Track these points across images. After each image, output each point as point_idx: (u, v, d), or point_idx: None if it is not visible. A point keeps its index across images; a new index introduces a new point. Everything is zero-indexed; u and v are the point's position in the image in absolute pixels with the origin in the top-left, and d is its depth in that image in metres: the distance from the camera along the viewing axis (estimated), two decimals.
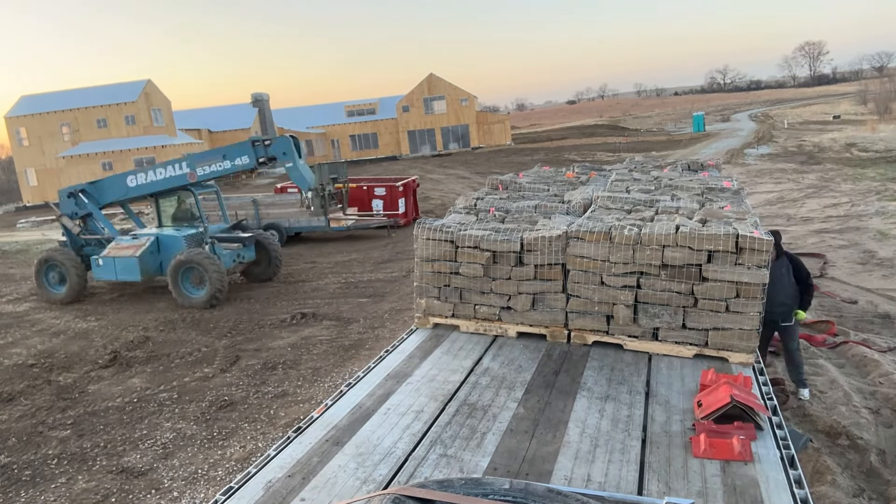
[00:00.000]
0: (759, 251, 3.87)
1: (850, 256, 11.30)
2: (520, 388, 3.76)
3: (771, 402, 3.50)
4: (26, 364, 9.26)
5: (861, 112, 51.42)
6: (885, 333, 7.74)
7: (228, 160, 11.18)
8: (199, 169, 11.29)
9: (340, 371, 7.99)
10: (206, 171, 11.28)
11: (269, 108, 51.07)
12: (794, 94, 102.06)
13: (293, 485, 2.90)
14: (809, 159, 26.24)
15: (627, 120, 76.39)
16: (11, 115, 39.55)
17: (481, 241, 4.58)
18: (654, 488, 2.71)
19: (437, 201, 22.42)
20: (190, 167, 11.33)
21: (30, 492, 5.85)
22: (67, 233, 12.51)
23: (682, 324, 4.10)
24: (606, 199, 5.32)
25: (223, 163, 11.22)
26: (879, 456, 5.17)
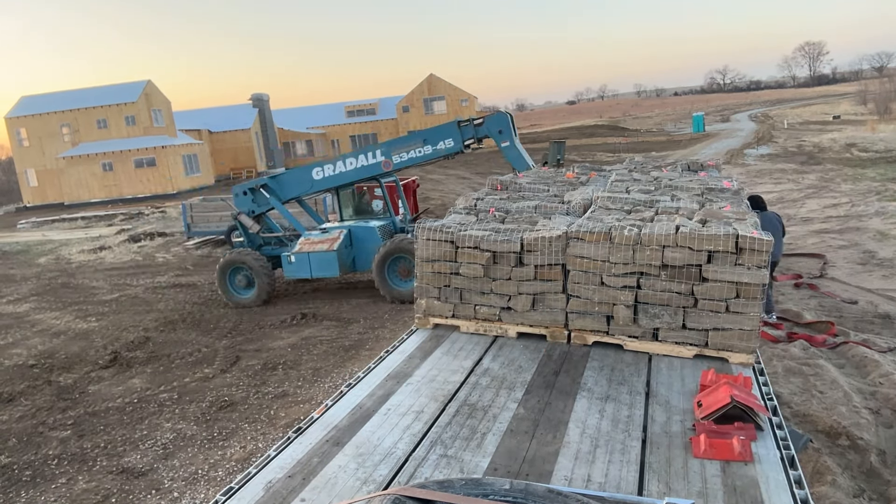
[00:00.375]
0: (759, 251, 3.87)
1: (850, 257, 11.30)
2: (520, 389, 3.76)
3: (771, 402, 3.50)
4: (26, 364, 9.26)
5: (861, 112, 51.43)
6: (886, 334, 7.74)
7: (430, 144, 10.37)
8: (395, 156, 10.51)
9: (341, 371, 8.00)
10: (403, 158, 10.50)
11: (269, 109, 51.21)
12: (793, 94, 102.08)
13: (293, 485, 2.90)
14: (809, 159, 26.25)
15: (627, 120, 76.41)
16: (11, 116, 39.57)
17: (481, 242, 4.58)
18: (654, 489, 2.71)
19: (438, 201, 22.43)
20: (385, 155, 10.57)
21: (30, 492, 5.85)
22: (244, 232, 11.72)
23: (682, 324, 4.10)
24: (606, 200, 5.32)
25: (424, 148, 10.41)
26: (880, 456, 5.17)
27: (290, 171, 11.57)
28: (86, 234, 23.86)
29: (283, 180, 11.34)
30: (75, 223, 27.75)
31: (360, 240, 11.11)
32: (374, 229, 11.01)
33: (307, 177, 11.08)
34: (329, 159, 10.99)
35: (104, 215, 29.08)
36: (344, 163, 10.81)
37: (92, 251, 19.12)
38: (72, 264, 17.61)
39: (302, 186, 11.24)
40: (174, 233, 20.74)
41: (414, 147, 10.43)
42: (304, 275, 11.05)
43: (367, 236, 11.04)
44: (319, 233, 11.20)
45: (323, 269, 10.89)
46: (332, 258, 10.78)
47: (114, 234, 22.69)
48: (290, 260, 11.07)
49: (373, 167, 10.65)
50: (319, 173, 10.96)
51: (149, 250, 18.68)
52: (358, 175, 10.80)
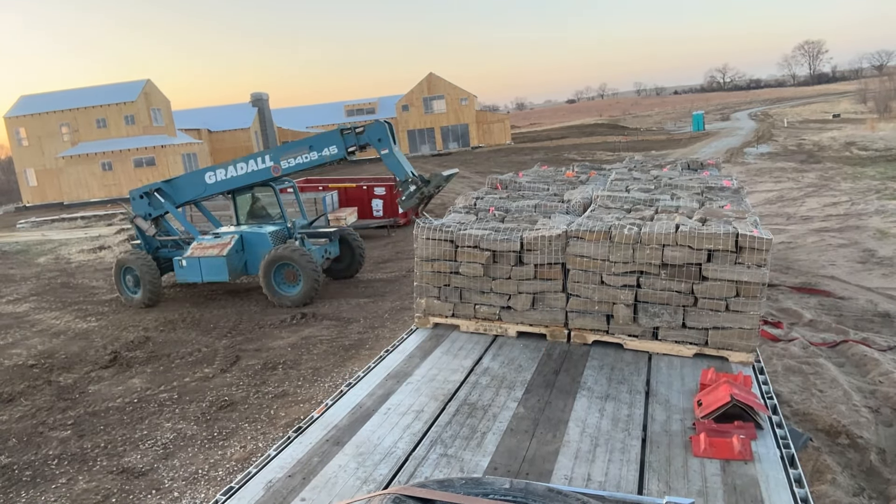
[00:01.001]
0: (758, 250, 3.87)
1: (849, 255, 11.30)
2: (520, 388, 3.76)
3: (771, 401, 3.50)
4: (26, 364, 9.26)
5: (861, 111, 51.43)
6: (886, 332, 7.74)
7: (315, 151, 10.59)
8: (283, 162, 10.75)
9: (341, 371, 7.99)
10: (291, 163, 10.73)
11: (268, 108, 51.21)
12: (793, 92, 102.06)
13: (293, 485, 2.90)
14: (809, 158, 26.24)
15: (627, 119, 76.39)
16: (11, 116, 39.55)
17: (481, 241, 4.58)
18: (654, 488, 2.71)
19: (437, 201, 22.40)
20: (274, 160, 10.81)
21: (30, 492, 5.85)
22: (141, 235, 11.95)
23: (682, 323, 4.10)
24: (606, 199, 5.32)
25: (310, 154, 10.63)
26: (879, 455, 5.17)
27: (183, 176, 11.79)
28: (85, 233, 23.85)
29: (176, 184, 11.59)
30: (75, 223, 27.74)
31: (252, 245, 11.29)
32: (266, 235, 11.17)
33: (200, 181, 11.31)
34: (221, 164, 11.19)
35: (104, 215, 29.07)
36: (235, 167, 11.05)
37: (91, 251, 19.11)
38: (71, 264, 17.60)
39: (195, 190, 11.44)
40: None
41: (300, 153, 10.67)
42: (195, 279, 11.25)
43: (259, 241, 11.22)
44: (212, 237, 11.38)
45: (213, 274, 11.08)
46: (221, 263, 10.96)
47: (113, 233, 22.68)
48: (182, 264, 11.25)
49: (262, 172, 10.89)
50: (212, 177, 11.20)
51: None
52: (249, 179, 11.01)
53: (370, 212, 18.27)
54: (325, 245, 11.82)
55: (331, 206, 17.48)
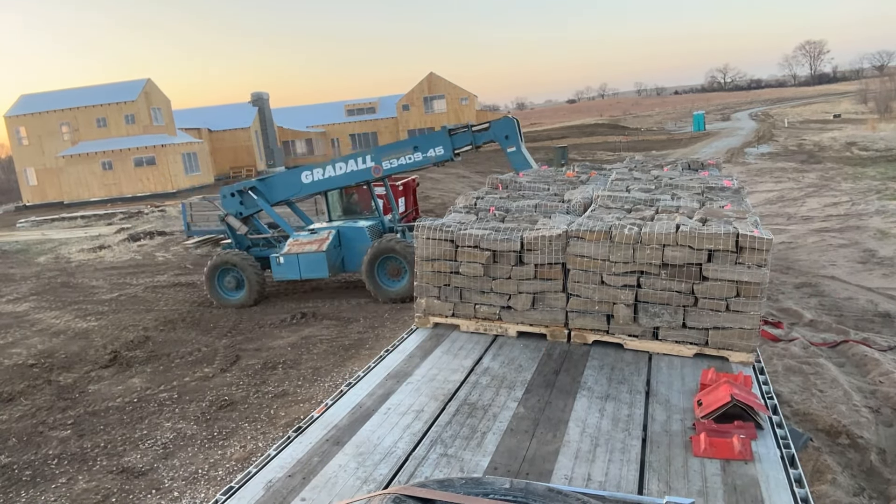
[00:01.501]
0: (759, 250, 3.87)
1: (850, 255, 11.30)
2: (520, 388, 3.76)
3: (771, 401, 3.50)
4: (26, 364, 9.26)
5: (861, 111, 51.42)
6: (886, 332, 7.74)
7: (420, 152, 10.28)
8: (385, 162, 10.47)
9: (340, 371, 7.99)
10: (393, 164, 10.45)
11: (268, 107, 51.22)
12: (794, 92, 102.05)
13: (293, 484, 2.90)
14: (810, 158, 26.24)
15: (628, 119, 76.39)
16: (11, 115, 39.56)
17: (481, 241, 4.58)
18: (654, 487, 2.71)
19: (438, 200, 22.42)
20: (375, 161, 10.51)
21: (30, 492, 5.85)
22: (232, 233, 11.65)
23: (682, 323, 4.10)
24: (606, 199, 5.32)
25: (414, 155, 10.33)
26: (880, 455, 5.17)
27: (279, 175, 11.56)
28: (85, 233, 23.86)
29: (271, 183, 11.35)
30: (75, 222, 27.75)
31: (349, 240, 11.08)
32: (363, 229, 10.99)
33: (296, 180, 11.07)
34: (319, 163, 10.93)
35: (104, 214, 29.09)
36: (334, 167, 10.79)
37: (91, 250, 19.12)
38: (71, 263, 17.61)
39: (291, 189, 11.23)
40: (174, 232, 20.75)
41: (404, 154, 10.42)
42: (294, 276, 10.99)
43: (356, 236, 11.03)
44: (308, 234, 11.14)
45: (312, 271, 10.84)
46: (320, 259, 10.72)
47: (113, 233, 22.69)
48: (279, 261, 11.00)
49: (363, 172, 10.65)
50: (309, 177, 10.95)
51: (148, 249, 18.68)
52: (348, 180, 10.81)
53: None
54: None
55: None
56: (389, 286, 10.65)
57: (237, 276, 11.24)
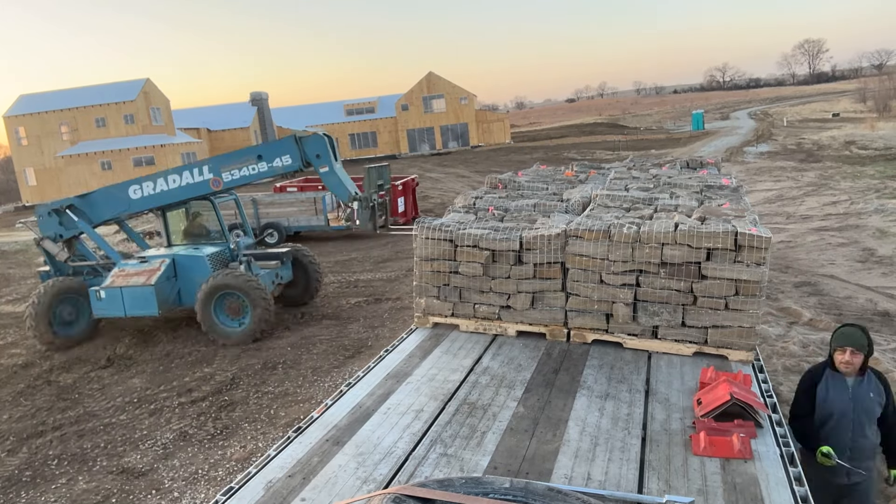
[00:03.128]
0: (758, 248, 3.87)
1: (849, 254, 11.31)
2: (520, 387, 3.76)
3: (771, 399, 3.50)
4: (26, 364, 9.26)
5: (860, 110, 51.44)
6: (885, 332, 7.74)
7: (265, 161, 9.03)
8: (225, 174, 9.15)
9: (340, 371, 8.00)
10: (234, 176, 9.14)
11: (268, 107, 51.22)
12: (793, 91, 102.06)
13: (293, 485, 2.90)
14: (808, 157, 26.25)
15: (627, 118, 76.38)
16: (10, 115, 39.55)
17: (480, 240, 4.58)
18: (654, 486, 2.72)
19: (437, 200, 22.42)
20: (214, 172, 9.20)
21: (30, 492, 5.85)
22: (50, 260, 10.09)
23: (681, 322, 4.10)
24: (605, 198, 5.32)
25: (258, 165, 9.05)
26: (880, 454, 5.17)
27: (102, 190, 10.03)
28: None
29: (93, 200, 9.85)
30: None
31: (187, 270, 9.55)
32: (203, 258, 9.52)
33: (123, 195, 9.63)
34: (150, 175, 9.64)
35: None
36: (166, 180, 9.43)
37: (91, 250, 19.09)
38: None
39: (117, 207, 9.75)
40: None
41: (247, 163, 9.11)
42: (117, 313, 9.46)
43: (195, 266, 9.50)
44: (137, 262, 9.65)
45: (139, 307, 9.31)
46: (148, 294, 9.16)
47: (113, 233, 22.66)
48: (100, 296, 9.43)
49: (200, 185, 9.30)
50: (137, 192, 9.53)
51: None
52: (184, 194, 9.42)
53: None
54: (276, 269, 10.18)
55: (330, 205, 17.48)
56: (229, 326, 9.26)
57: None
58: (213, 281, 9.06)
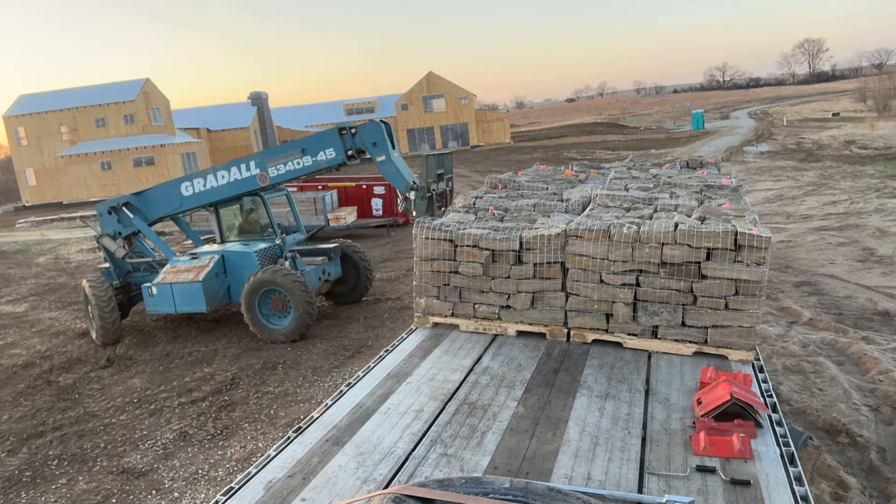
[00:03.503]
0: (758, 248, 3.87)
1: (849, 254, 11.31)
2: (520, 387, 3.76)
3: (770, 399, 3.50)
4: (26, 364, 9.26)
5: (860, 109, 51.45)
6: (885, 331, 7.74)
7: (310, 155, 8.97)
8: (271, 169, 9.18)
9: (340, 371, 7.99)
10: (280, 171, 9.15)
11: (267, 107, 51.21)
12: (793, 91, 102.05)
13: (294, 485, 2.90)
14: (808, 157, 26.25)
15: (626, 118, 76.38)
16: (10, 115, 39.54)
17: (480, 240, 4.58)
18: (654, 486, 2.71)
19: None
20: (260, 167, 9.23)
21: (30, 492, 5.85)
22: (109, 257, 10.24)
23: (681, 321, 4.10)
24: (605, 198, 5.32)
25: (302, 159, 9.01)
26: (879, 454, 5.17)
27: (156, 187, 10.14)
28: (85, 233, 23.84)
29: (148, 197, 9.97)
30: (74, 222, 27.73)
31: (236, 266, 9.58)
32: (251, 254, 9.52)
33: (175, 193, 9.71)
34: (200, 172, 9.69)
35: None
36: (215, 177, 9.46)
37: (91, 250, 19.10)
38: (71, 264, 17.60)
39: (170, 204, 9.82)
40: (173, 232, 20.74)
41: (291, 158, 9.08)
42: (168, 309, 9.53)
43: (243, 262, 9.54)
44: (188, 259, 9.75)
45: (188, 304, 9.37)
46: (196, 290, 9.26)
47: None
48: (152, 292, 9.52)
49: (247, 181, 9.31)
50: (189, 189, 9.60)
51: None
52: (232, 190, 9.45)
53: (370, 211, 18.28)
54: (324, 264, 10.20)
55: (330, 205, 17.47)
56: (273, 323, 9.27)
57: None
58: (256, 277, 9.08)
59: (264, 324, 9.25)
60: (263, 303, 9.24)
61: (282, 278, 8.95)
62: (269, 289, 9.10)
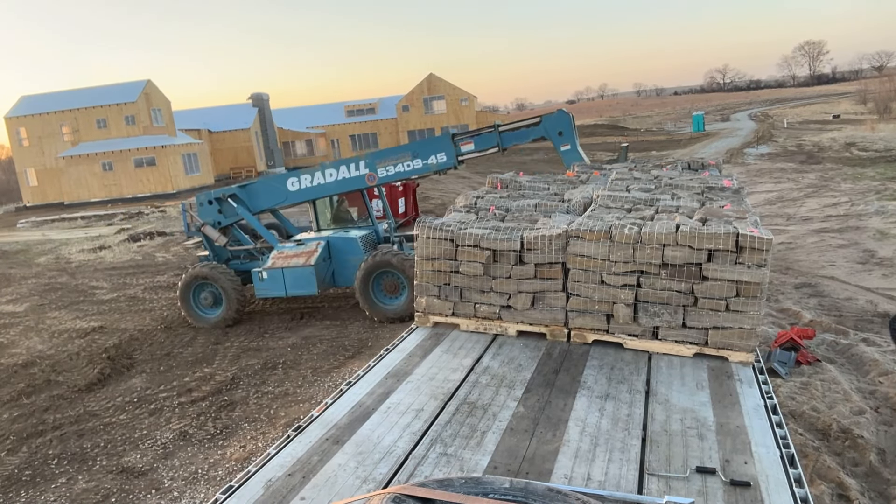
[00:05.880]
0: (759, 250, 3.87)
1: (849, 256, 11.30)
2: (520, 387, 3.76)
3: (771, 400, 3.50)
4: (26, 364, 9.26)
5: (860, 111, 51.45)
6: (885, 333, 7.74)
7: (420, 158, 9.43)
8: (381, 169, 9.57)
9: (340, 371, 7.99)
10: (389, 172, 9.56)
11: (268, 108, 51.14)
12: (793, 93, 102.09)
13: (293, 484, 2.90)
14: (809, 159, 26.25)
15: (627, 119, 76.40)
16: (11, 116, 39.59)
17: (481, 240, 4.58)
18: (654, 487, 2.71)
19: (437, 201, 22.43)
20: (370, 167, 9.60)
21: (30, 492, 5.85)
22: (209, 245, 10.58)
23: (682, 323, 4.10)
24: (606, 198, 5.32)
25: (413, 162, 9.46)
26: (879, 455, 5.17)
27: (262, 181, 10.59)
28: (85, 233, 23.87)
29: (254, 190, 10.38)
30: (75, 223, 27.76)
31: (340, 252, 10.10)
32: (356, 240, 10.06)
33: (281, 187, 10.09)
34: (306, 169, 10.03)
35: (104, 215, 29.10)
36: (323, 174, 9.85)
37: (92, 251, 19.12)
38: (71, 264, 17.61)
39: (275, 198, 10.23)
40: (174, 232, 20.76)
41: (402, 160, 9.56)
42: (278, 293, 9.96)
43: (348, 248, 10.07)
44: (294, 245, 10.14)
45: (299, 287, 9.83)
46: (308, 274, 9.69)
47: (114, 233, 22.69)
48: (262, 277, 9.94)
49: (355, 180, 9.75)
50: (295, 184, 9.98)
51: (149, 250, 18.69)
52: (339, 188, 9.91)
53: None
54: None
55: None
56: (386, 303, 9.72)
57: (214, 292, 10.20)
58: (373, 259, 9.47)
59: (378, 304, 9.69)
60: (376, 284, 9.68)
61: (399, 261, 9.36)
62: (383, 270, 9.51)
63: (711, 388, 3.64)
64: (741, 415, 3.30)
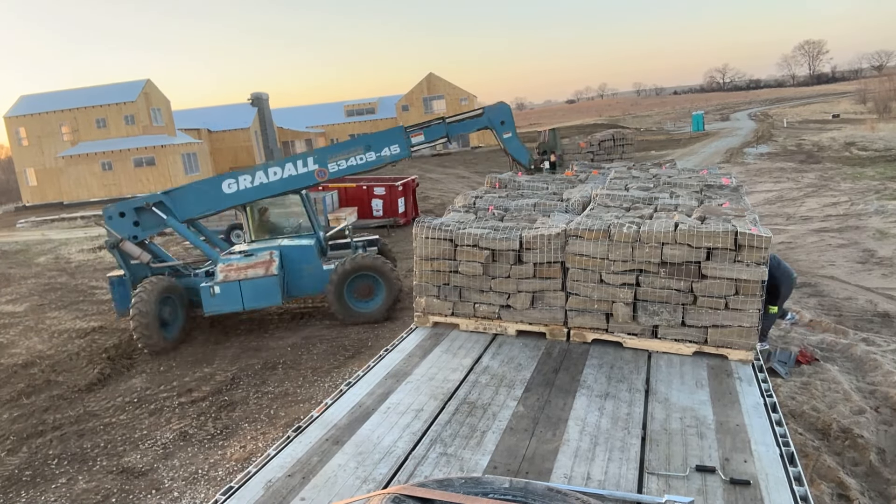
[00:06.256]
0: (757, 248, 3.87)
1: (849, 255, 11.30)
2: (519, 387, 3.76)
3: (770, 399, 3.50)
4: (26, 364, 9.26)
5: (860, 111, 51.44)
6: (885, 332, 7.74)
7: (374, 151, 9.12)
8: (331, 164, 9.05)
9: (340, 371, 7.99)
10: (341, 166, 9.07)
11: (268, 108, 51.11)
12: (793, 92, 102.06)
13: (293, 484, 2.90)
14: (809, 158, 26.24)
15: (627, 119, 76.37)
16: (11, 115, 39.56)
17: (480, 240, 4.58)
18: (653, 486, 2.71)
19: (437, 200, 22.42)
20: (319, 163, 9.06)
21: (30, 492, 5.85)
22: (125, 265, 9.42)
23: (681, 321, 4.10)
24: (605, 197, 5.32)
25: (366, 155, 9.11)
26: (879, 455, 5.17)
27: (191, 185, 9.64)
28: (85, 233, 23.84)
29: (180, 196, 9.37)
30: (75, 222, 27.74)
31: (294, 261, 9.50)
32: (311, 248, 9.55)
33: (215, 191, 9.21)
34: (246, 169, 9.30)
35: None
36: (266, 173, 9.12)
37: (91, 251, 19.11)
38: (71, 264, 17.60)
39: (207, 203, 9.33)
40: (173, 232, 20.73)
41: (354, 154, 9.12)
42: (234, 307, 9.21)
43: (302, 256, 9.50)
44: (241, 256, 9.34)
45: (260, 299, 9.18)
46: (272, 284, 9.07)
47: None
48: (214, 292, 9.10)
49: (304, 177, 9.14)
50: (233, 186, 9.17)
51: None
52: (285, 186, 9.23)
53: (370, 211, 18.28)
54: None
55: (331, 205, 17.48)
56: (361, 308, 9.47)
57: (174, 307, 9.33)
58: (351, 263, 9.24)
59: (352, 307, 9.45)
60: (350, 289, 9.44)
61: (380, 264, 9.30)
62: (359, 274, 9.32)
63: (711, 387, 3.65)
64: (741, 413, 3.30)
